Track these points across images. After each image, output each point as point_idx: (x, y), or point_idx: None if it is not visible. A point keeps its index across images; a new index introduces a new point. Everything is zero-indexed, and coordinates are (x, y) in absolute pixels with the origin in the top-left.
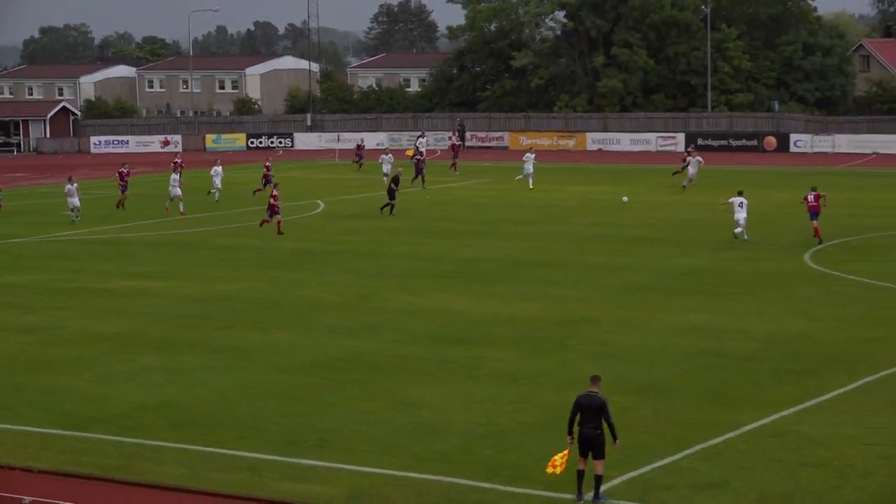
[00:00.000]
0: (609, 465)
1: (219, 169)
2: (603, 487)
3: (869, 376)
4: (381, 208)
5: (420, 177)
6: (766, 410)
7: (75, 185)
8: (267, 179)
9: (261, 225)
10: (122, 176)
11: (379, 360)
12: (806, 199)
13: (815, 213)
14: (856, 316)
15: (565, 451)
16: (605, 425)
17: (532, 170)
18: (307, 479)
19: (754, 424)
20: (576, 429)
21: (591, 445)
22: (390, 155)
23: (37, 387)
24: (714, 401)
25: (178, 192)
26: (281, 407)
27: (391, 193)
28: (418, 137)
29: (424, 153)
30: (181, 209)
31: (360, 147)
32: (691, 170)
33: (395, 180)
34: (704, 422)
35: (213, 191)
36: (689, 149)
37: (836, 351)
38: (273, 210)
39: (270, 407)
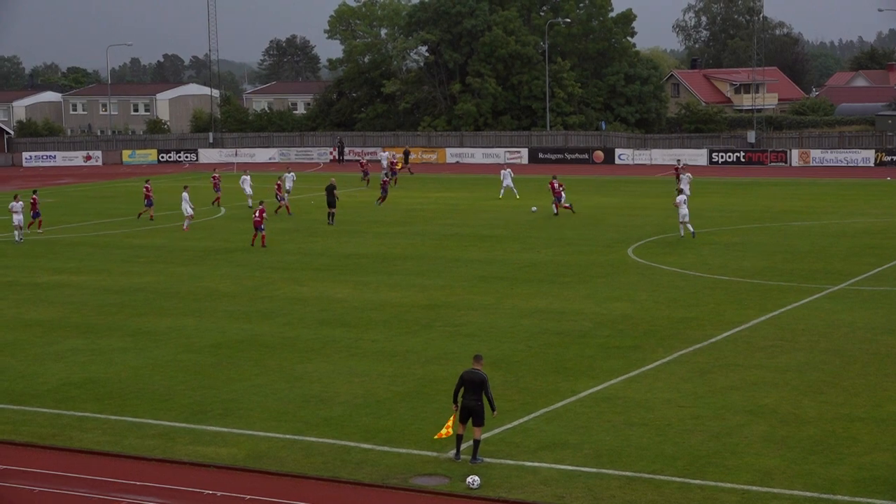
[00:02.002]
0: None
1: (247, 178)
2: (462, 446)
3: (681, 350)
4: (329, 222)
5: (383, 195)
6: (598, 379)
7: (20, 203)
8: (280, 196)
9: (262, 244)
10: (147, 191)
11: (272, 340)
12: (551, 185)
13: (558, 197)
14: (669, 299)
15: (450, 419)
16: (485, 398)
17: (511, 182)
18: (213, 443)
19: (588, 391)
20: (460, 399)
21: (471, 414)
22: (293, 173)
23: None
24: (554, 372)
25: (190, 210)
26: (189, 381)
27: (331, 203)
28: (384, 152)
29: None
30: (186, 225)
31: (363, 164)
32: (684, 186)
33: (330, 190)
34: (547, 389)
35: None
36: (679, 165)
37: (654, 328)
38: (256, 225)
39: (180, 381)
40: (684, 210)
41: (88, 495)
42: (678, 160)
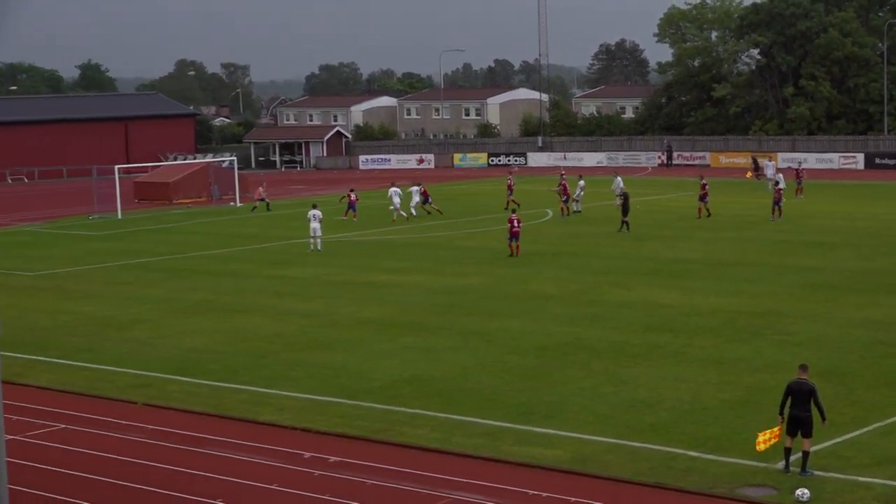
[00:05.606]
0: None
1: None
2: (791, 458)
3: None
4: (619, 229)
5: (777, 207)
6: None
7: (319, 211)
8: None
9: (516, 254)
10: (564, 187)
11: (597, 344)
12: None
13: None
14: None
15: (775, 429)
16: (814, 408)
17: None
18: (538, 444)
19: None
20: (786, 411)
21: (799, 425)
22: (420, 186)
23: (314, 362)
24: (889, 385)
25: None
26: (514, 382)
27: (625, 211)
28: (769, 164)
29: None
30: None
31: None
32: None
33: (625, 199)
34: (881, 403)
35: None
36: None
37: None
38: (515, 235)
39: (505, 382)
40: None
41: (416, 490)
42: None
